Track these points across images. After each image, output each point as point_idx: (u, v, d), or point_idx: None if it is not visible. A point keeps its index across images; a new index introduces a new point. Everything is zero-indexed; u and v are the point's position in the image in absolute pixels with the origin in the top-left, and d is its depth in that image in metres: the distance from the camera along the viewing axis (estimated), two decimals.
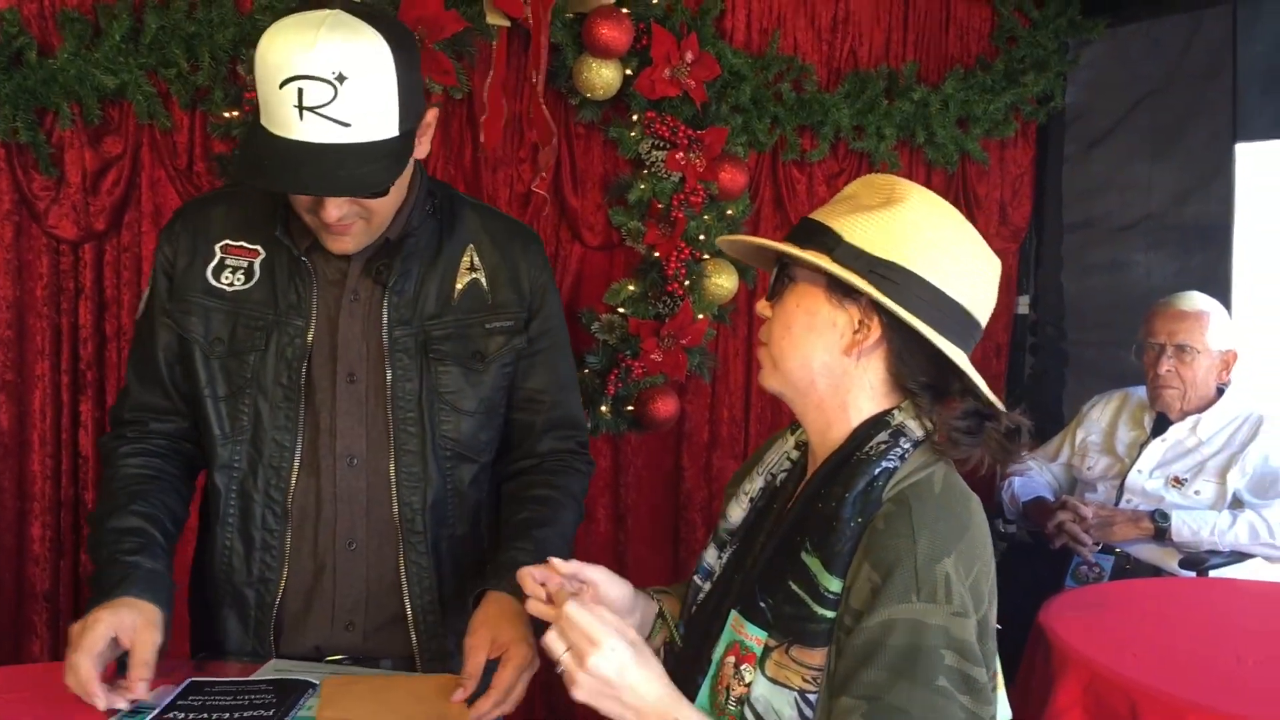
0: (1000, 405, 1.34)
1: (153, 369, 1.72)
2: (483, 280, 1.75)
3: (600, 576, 1.44)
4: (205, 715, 1.43)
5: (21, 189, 2.66)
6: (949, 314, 1.32)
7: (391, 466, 1.69)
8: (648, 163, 3.10)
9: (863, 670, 1.23)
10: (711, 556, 1.48)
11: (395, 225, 1.68)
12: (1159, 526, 2.86)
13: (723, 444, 3.45)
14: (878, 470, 1.30)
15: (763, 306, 1.41)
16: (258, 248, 1.69)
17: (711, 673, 1.35)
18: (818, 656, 1.27)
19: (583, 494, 1.86)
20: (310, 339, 1.67)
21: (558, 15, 2.90)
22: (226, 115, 2.71)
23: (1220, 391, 3.05)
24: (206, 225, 1.71)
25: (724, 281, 3.16)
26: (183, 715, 1.43)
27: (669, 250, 3.11)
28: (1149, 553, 2.90)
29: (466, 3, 2.84)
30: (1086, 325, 3.75)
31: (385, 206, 1.63)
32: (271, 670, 1.62)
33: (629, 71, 3.01)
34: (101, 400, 2.77)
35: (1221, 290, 3.23)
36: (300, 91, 1.46)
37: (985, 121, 3.45)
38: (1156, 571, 2.88)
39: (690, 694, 1.34)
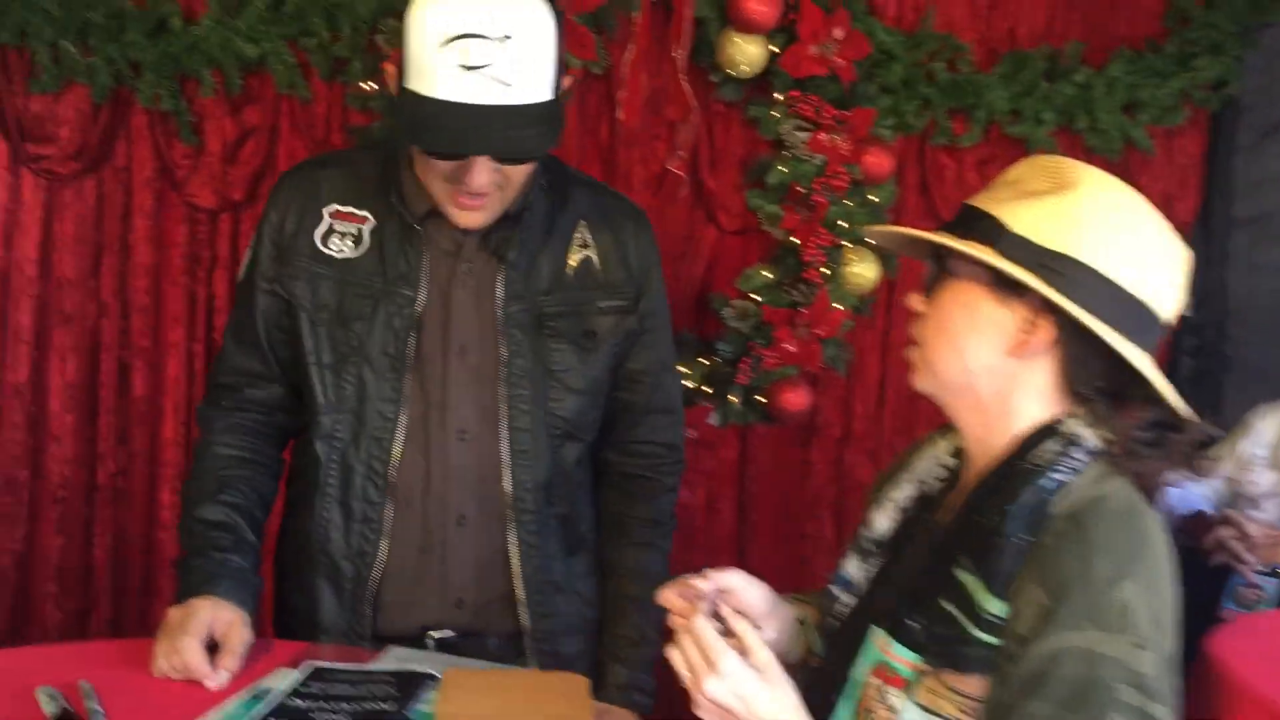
0: (1189, 412, 1.21)
1: (251, 334, 1.71)
2: (595, 258, 1.74)
3: (737, 582, 1.34)
4: (326, 703, 1.39)
5: (163, 156, 2.68)
6: (1129, 311, 1.19)
7: (504, 443, 1.67)
8: (789, 144, 2.97)
9: (1027, 702, 1.11)
10: (853, 567, 1.37)
11: (515, 197, 1.66)
12: None
13: (856, 440, 3.30)
14: (1047, 483, 1.19)
15: (916, 301, 1.31)
16: (367, 214, 1.67)
17: (852, 693, 1.25)
18: (975, 685, 1.15)
19: (670, 525, 1.87)
20: (420, 310, 1.65)
21: None
22: (365, 86, 2.67)
23: None
24: (315, 190, 1.69)
25: (865, 270, 3.02)
26: (304, 702, 1.40)
27: (808, 236, 2.98)
28: None
29: None
30: (1253, 328, 3.49)
31: (522, 177, 1.61)
32: (392, 659, 1.57)
33: (775, 48, 2.88)
34: None
35: None
36: (467, 50, 1.45)
37: (1154, 107, 3.21)
38: None
39: (825, 714, 1.25)
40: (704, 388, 3.01)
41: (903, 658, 1.20)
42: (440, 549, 1.68)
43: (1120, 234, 1.19)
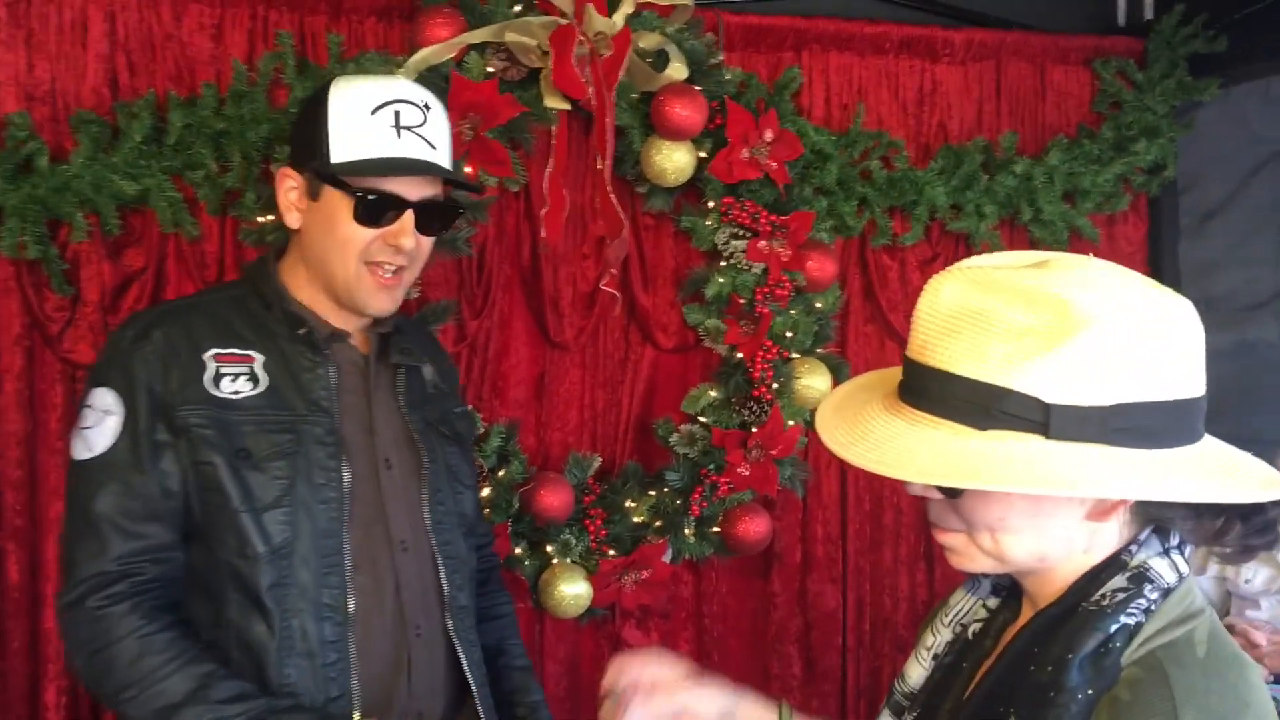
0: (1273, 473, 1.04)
1: (147, 508, 1.57)
2: (432, 370, 1.85)
3: (683, 701, 1.26)
4: None
5: (33, 310, 2.37)
6: (1187, 414, 1.01)
7: (434, 546, 1.71)
8: (726, 254, 2.78)
9: None
10: None
11: (389, 318, 1.75)
12: None
13: (818, 565, 3.07)
14: (1115, 627, 1.01)
15: (921, 489, 1.08)
16: (250, 353, 1.64)
17: None
18: None
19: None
20: (343, 433, 1.65)
21: (623, 95, 2.61)
22: (260, 220, 2.42)
23: None
24: (186, 337, 1.62)
25: (816, 382, 2.81)
26: None
27: (753, 350, 2.77)
28: None
29: (522, 86, 2.56)
30: (1215, 416, 3.36)
31: (423, 259, 1.72)
32: None
33: (703, 154, 2.70)
34: None
35: None
36: (398, 113, 1.61)
37: (1095, 194, 3.11)
38: None
39: None
40: (654, 522, 2.75)
41: None
42: (406, 665, 1.66)
43: (1155, 346, 0.99)
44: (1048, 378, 0.97)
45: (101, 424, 1.57)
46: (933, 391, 1.01)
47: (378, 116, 1.60)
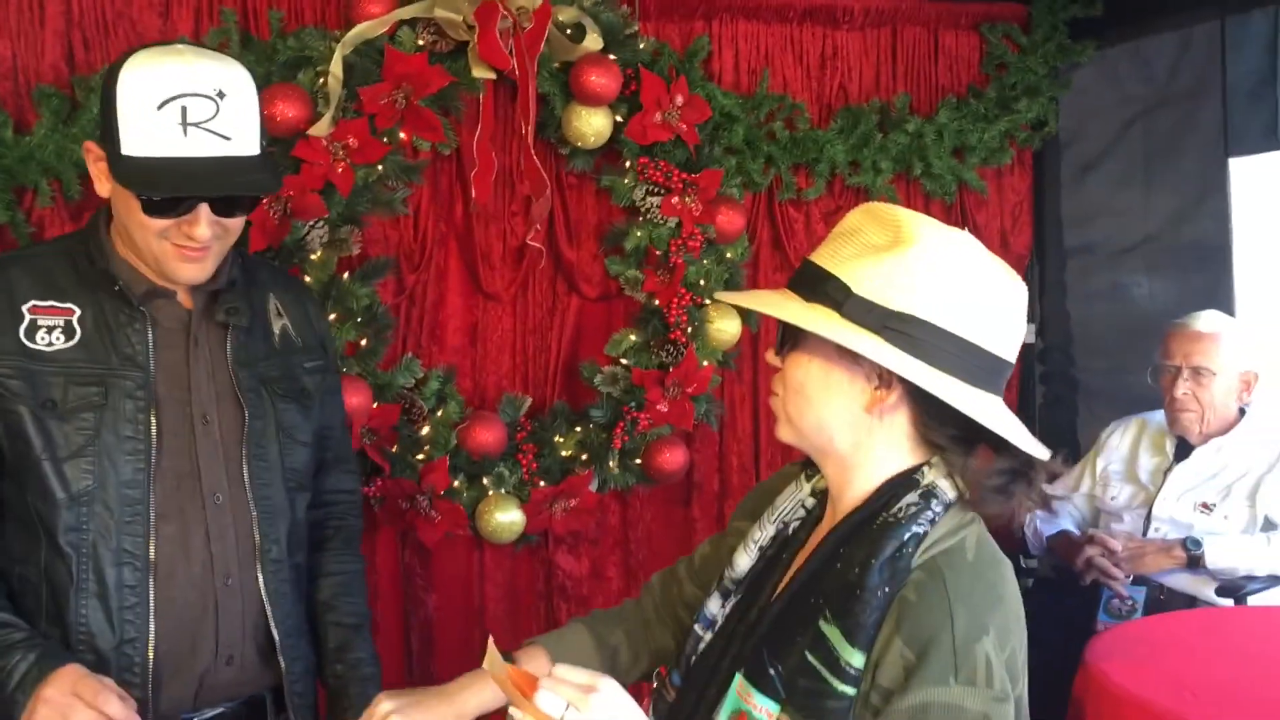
0: (1042, 450, 1.25)
1: None
2: (289, 325, 1.86)
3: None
4: None
5: None
6: (974, 360, 1.23)
7: (250, 500, 1.73)
8: (643, 209, 3.04)
9: None
10: (714, 605, 1.41)
11: (224, 269, 1.73)
12: (1192, 555, 2.77)
13: (734, 493, 3.35)
14: (907, 535, 1.23)
15: (771, 357, 1.34)
16: (70, 305, 1.66)
17: None
18: None
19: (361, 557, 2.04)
20: (156, 388, 1.67)
21: (544, 65, 2.85)
22: None
23: (1242, 412, 2.98)
24: (9, 288, 1.65)
25: (727, 326, 3.09)
26: None
27: (669, 297, 3.04)
28: (1183, 582, 2.82)
29: (451, 58, 2.78)
30: (1094, 351, 3.68)
31: (236, 232, 1.69)
32: None
33: (619, 118, 2.95)
34: None
35: (1224, 309, 3.16)
36: (184, 109, 1.54)
37: (981, 150, 3.40)
38: (1192, 601, 2.79)
39: None
40: (581, 456, 3.02)
41: (763, 706, 1.23)
42: (214, 611, 1.70)
43: (960, 287, 1.21)
44: (860, 272, 1.21)
45: None
46: (799, 275, 1.28)
47: (164, 112, 1.54)
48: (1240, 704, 1.79)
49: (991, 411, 1.23)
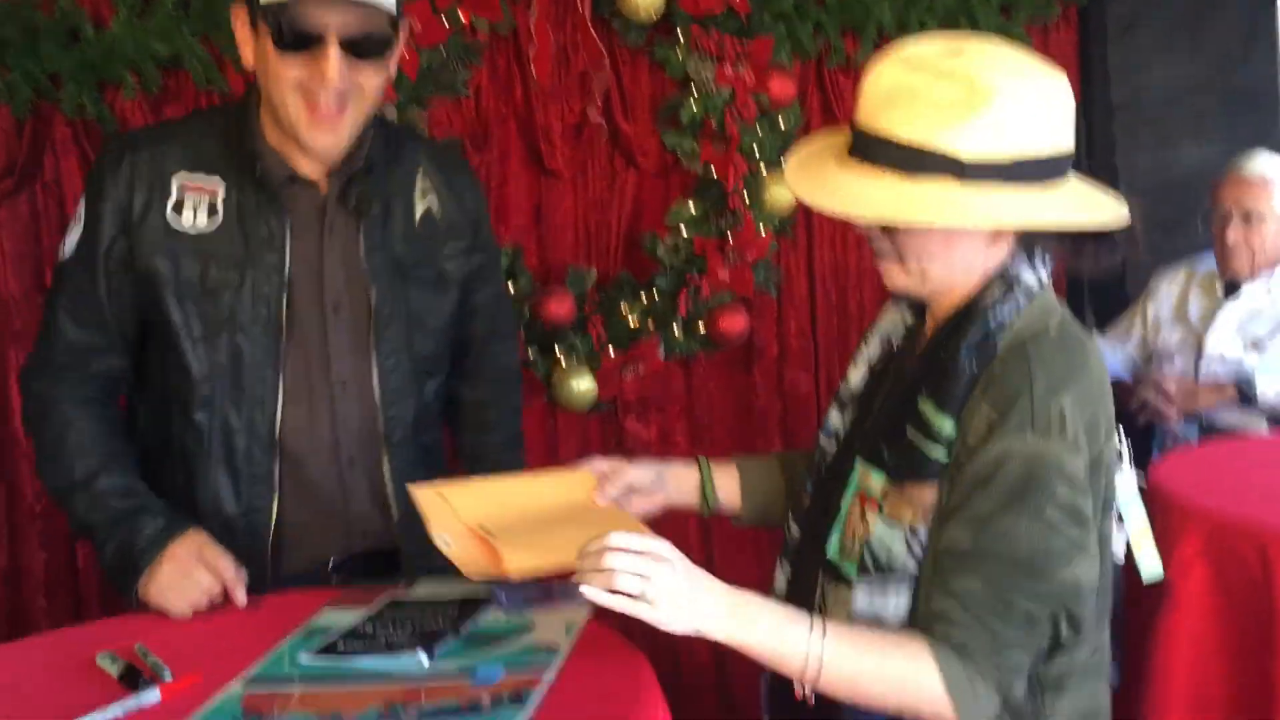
0: (1123, 206, 1.35)
1: (94, 311, 1.72)
2: (435, 205, 1.85)
3: (606, 466, 1.59)
4: (391, 626, 1.50)
5: (90, 163, 2.69)
6: (1064, 164, 1.33)
7: (376, 383, 1.78)
8: (696, 81, 3.10)
9: (974, 499, 1.28)
10: (835, 418, 1.53)
11: (359, 154, 1.74)
12: (1243, 390, 2.87)
13: (793, 357, 3.46)
14: (993, 322, 1.34)
15: (866, 228, 1.39)
16: (216, 181, 1.70)
17: (840, 520, 1.40)
18: (929, 493, 1.32)
19: (521, 441, 2.11)
20: (288, 274, 1.72)
21: None
22: None
23: None
24: (160, 161, 1.70)
25: (783, 193, 3.16)
26: (371, 626, 1.50)
27: (726, 166, 3.12)
28: (1235, 418, 2.91)
29: None
30: (1141, 203, 3.71)
31: (373, 91, 1.68)
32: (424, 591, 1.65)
33: None
34: None
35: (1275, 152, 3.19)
36: None
37: (1028, 7, 3.41)
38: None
39: (823, 543, 1.41)
40: (647, 324, 3.13)
41: (876, 481, 1.36)
42: (341, 493, 1.79)
43: (1043, 113, 1.29)
44: (961, 137, 1.26)
45: (71, 233, 1.73)
46: (875, 149, 1.31)
47: None
48: None
49: (1089, 201, 1.34)
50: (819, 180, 1.36)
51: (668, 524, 1.51)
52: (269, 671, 1.41)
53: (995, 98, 1.26)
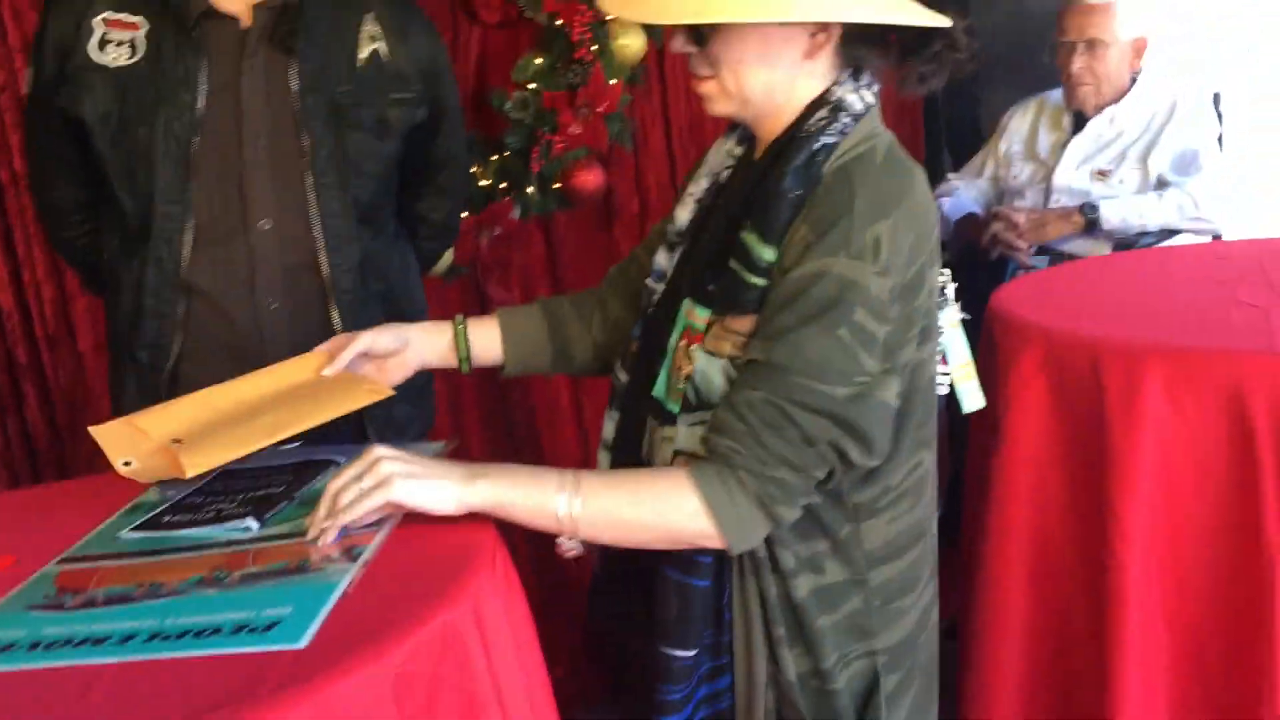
0: (944, 20, 1.30)
1: (59, 141, 1.78)
2: (383, 51, 1.80)
3: (360, 345, 1.52)
4: (221, 497, 1.43)
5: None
6: None
7: (317, 229, 1.76)
8: None
9: (777, 316, 1.27)
10: (662, 259, 1.49)
11: None
12: (1089, 218, 2.93)
13: (653, 213, 3.41)
14: (818, 145, 1.31)
15: (682, 44, 1.35)
16: (139, 19, 1.71)
17: (667, 360, 1.38)
18: (747, 323, 1.30)
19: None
20: (201, 112, 1.70)
21: None
22: None
23: (1134, 80, 3.08)
24: (83, 3, 1.72)
25: (631, 41, 3.06)
26: (199, 498, 1.44)
27: (571, 16, 3.00)
28: (1083, 246, 2.98)
29: None
30: (993, 42, 3.71)
31: None
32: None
33: None
34: None
35: None
36: None
37: None
38: None
39: (651, 384, 1.40)
40: (500, 185, 3.05)
41: (701, 316, 1.35)
42: (255, 334, 1.76)
43: None
44: None
45: (27, 71, 1.80)
46: None
47: None
48: (1133, 321, 1.94)
49: (909, 10, 1.28)
50: (631, 3, 1.34)
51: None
52: (87, 550, 1.35)
53: None
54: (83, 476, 1.60)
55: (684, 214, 1.49)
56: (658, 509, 1.26)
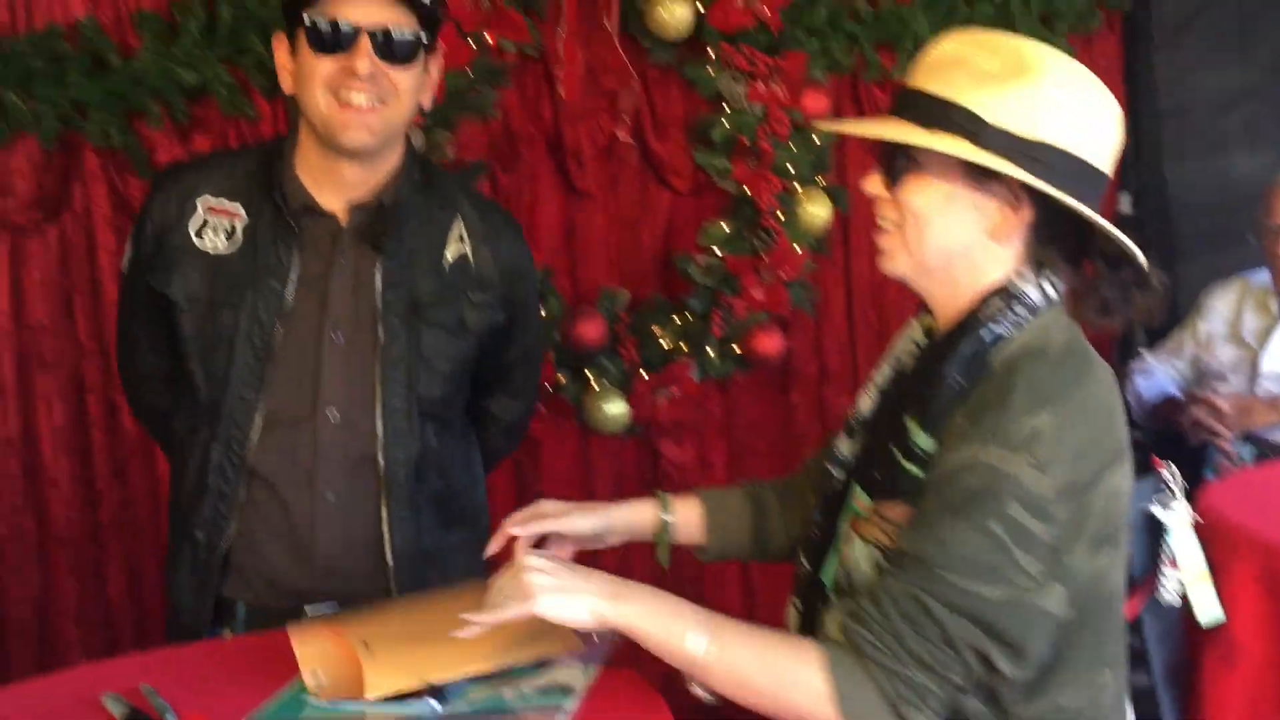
0: (1144, 259, 1.28)
1: (150, 316, 1.82)
2: (469, 254, 1.84)
3: (555, 525, 1.50)
4: None
5: (119, 193, 2.69)
6: (1091, 182, 1.27)
7: (379, 423, 1.76)
8: (728, 99, 3.05)
9: (925, 506, 1.23)
10: (844, 445, 1.47)
11: (387, 190, 1.77)
12: None
13: (832, 377, 3.39)
14: (988, 336, 1.27)
15: (875, 185, 1.34)
16: (240, 209, 1.77)
17: (837, 545, 1.35)
18: (902, 512, 1.26)
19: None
20: (289, 300, 1.74)
21: None
22: None
23: None
24: (192, 186, 1.79)
25: (818, 210, 3.10)
26: None
27: (759, 184, 3.06)
28: None
29: None
30: (1192, 215, 3.62)
31: (407, 95, 1.72)
32: None
33: (700, 7, 2.95)
34: None
35: None
36: None
37: (1069, 15, 3.32)
38: None
39: (820, 571, 1.37)
40: (680, 345, 3.08)
41: (864, 502, 1.32)
42: (308, 523, 1.77)
43: (1084, 113, 1.25)
44: (989, 102, 1.23)
45: (127, 249, 1.86)
46: (904, 102, 1.30)
47: None
48: None
49: (1113, 228, 1.27)
50: (835, 126, 1.39)
51: None
52: (276, 714, 1.36)
53: (1037, 76, 1.23)
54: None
55: (866, 401, 1.47)
56: (782, 680, 1.21)
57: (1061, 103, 1.24)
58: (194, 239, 1.76)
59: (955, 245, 1.31)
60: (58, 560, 2.74)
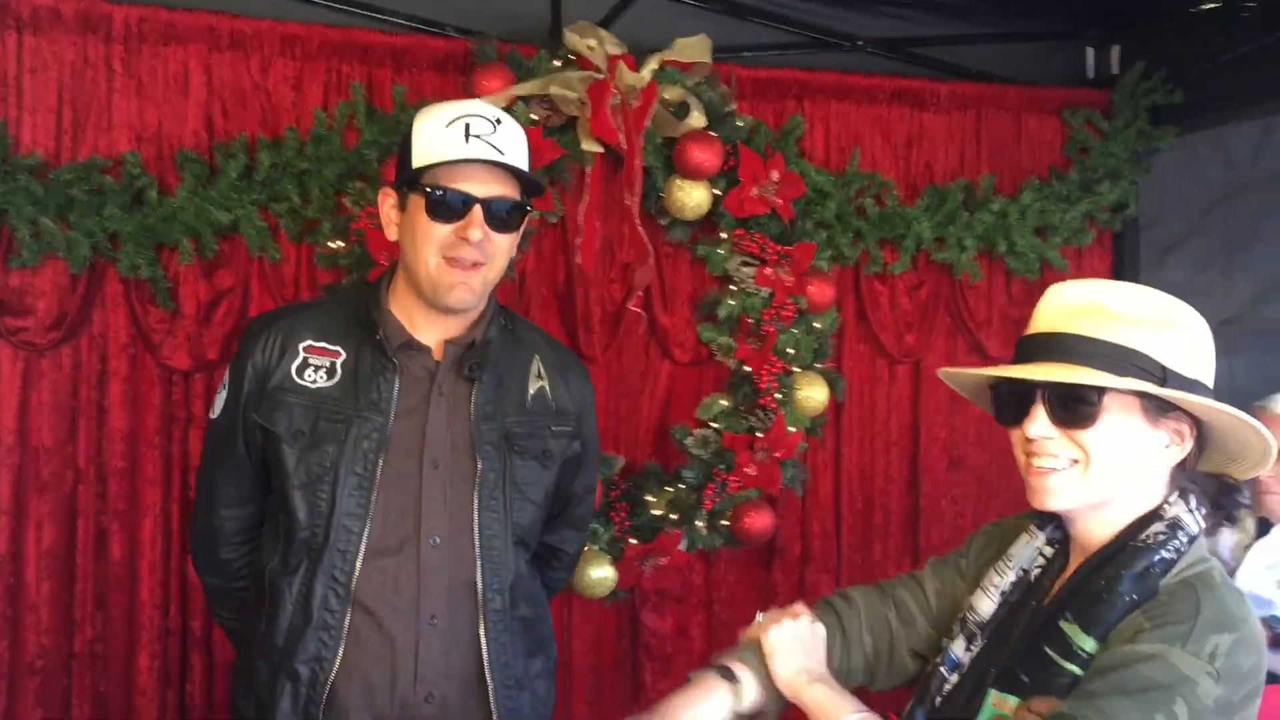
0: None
1: (237, 469, 1.89)
2: (547, 389, 1.97)
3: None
4: None
5: (138, 322, 2.73)
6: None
7: (476, 548, 1.83)
8: (736, 279, 3.16)
9: (1095, 680, 1.29)
10: (959, 649, 1.51)
11: (479, 328, 1.88)
12: (1274, 631, 2.80)
13: (815, 558, 3.42)
14: (1155, 558, 1.37)
15: (1043, 426, 1.40)
16: (339, 349, 1.86)
17: None
18: (1049, 705, 1.32)
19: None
20: (390, 431, 1.82)
21: (649, 140, 2.99)
22: (333, 245, 2.79)
23: None
24: (293, 329, 1.88)
25: (815, 394, 3.19)
26: None
27: (760, 364, 3.14)
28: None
29: (561, 132, 2.94)
30: None
31: (503, 257, 1.85)
32: None
33: (717, 192, 3.08)
34: None
35: None
36: (467, 125, 1.78)
37: (1063, 230, 3.49)
38: (1274, 678, 2.80)
39: None
40: (671, 515, 3.11)
41: (1010, 704, 1.37)
42: (411, 648, 1.80)
43: (1209, 349, 1.41)
44: (1161, 349, 1.35)
45: (219, 396, 1.91)
46: (1071, 347, 1.38)
47: (451, 129, 1.78)
48: None
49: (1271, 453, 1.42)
50: (1010, 371, 1.42)
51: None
52: None
53: (1186, 323, 1.39)
54: None
55: (986, 605, 1.51)
56: None
57: (1204, 347, 1.41)
58: (295, 377, 1.83)
59: (1140, 480, 1.40)
60: (26, 686, 2.68)
